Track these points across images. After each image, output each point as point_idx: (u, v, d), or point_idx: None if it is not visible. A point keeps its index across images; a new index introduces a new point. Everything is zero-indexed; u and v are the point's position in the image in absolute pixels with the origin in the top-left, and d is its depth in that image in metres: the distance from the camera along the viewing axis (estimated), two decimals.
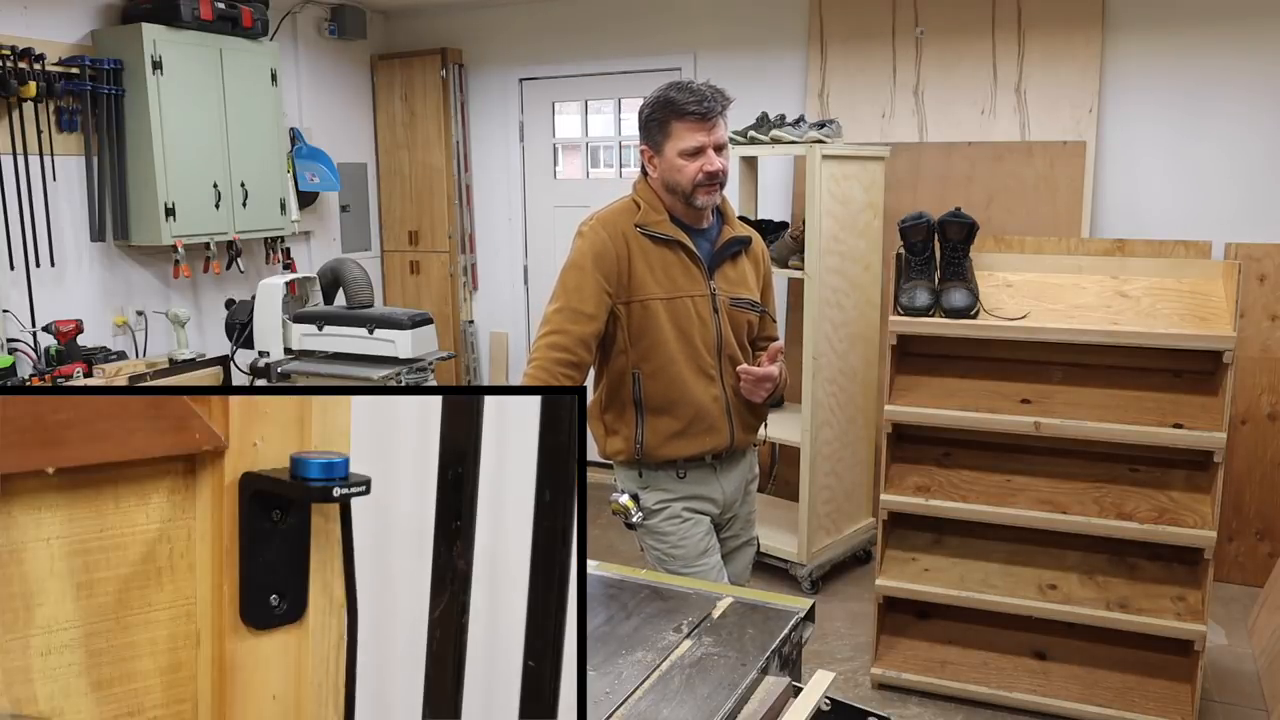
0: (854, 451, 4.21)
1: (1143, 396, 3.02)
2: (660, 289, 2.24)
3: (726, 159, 2.25)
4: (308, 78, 5.31)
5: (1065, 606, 3.05)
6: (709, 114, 2.18)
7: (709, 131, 2.19)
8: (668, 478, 2.34)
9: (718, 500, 2.41)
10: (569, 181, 5.64)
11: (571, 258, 2.27)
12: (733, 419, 2.34)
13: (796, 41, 4.77)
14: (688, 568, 2.33)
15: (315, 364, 4.24)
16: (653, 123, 2.25)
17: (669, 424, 2.29)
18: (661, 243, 2.26)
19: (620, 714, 1.43)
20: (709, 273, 2.29)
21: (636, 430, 2.29)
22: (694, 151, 2.19)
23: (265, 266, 4.95)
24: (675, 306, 2.25)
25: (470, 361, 5.86)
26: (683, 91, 2.19)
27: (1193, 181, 4.11)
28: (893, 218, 3.58)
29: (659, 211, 2.27)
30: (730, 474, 2.42)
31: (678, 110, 2.19)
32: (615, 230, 2.25)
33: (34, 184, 3.97)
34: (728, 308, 2.31)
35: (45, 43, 3.98)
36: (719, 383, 2.31)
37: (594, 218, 2.31)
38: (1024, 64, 4.31)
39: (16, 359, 3.84)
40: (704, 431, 2.31)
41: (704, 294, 2.28)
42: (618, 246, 2.23)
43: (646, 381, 2.27)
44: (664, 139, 2.23)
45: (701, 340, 2.27)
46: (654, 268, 2.25)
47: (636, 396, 2.28)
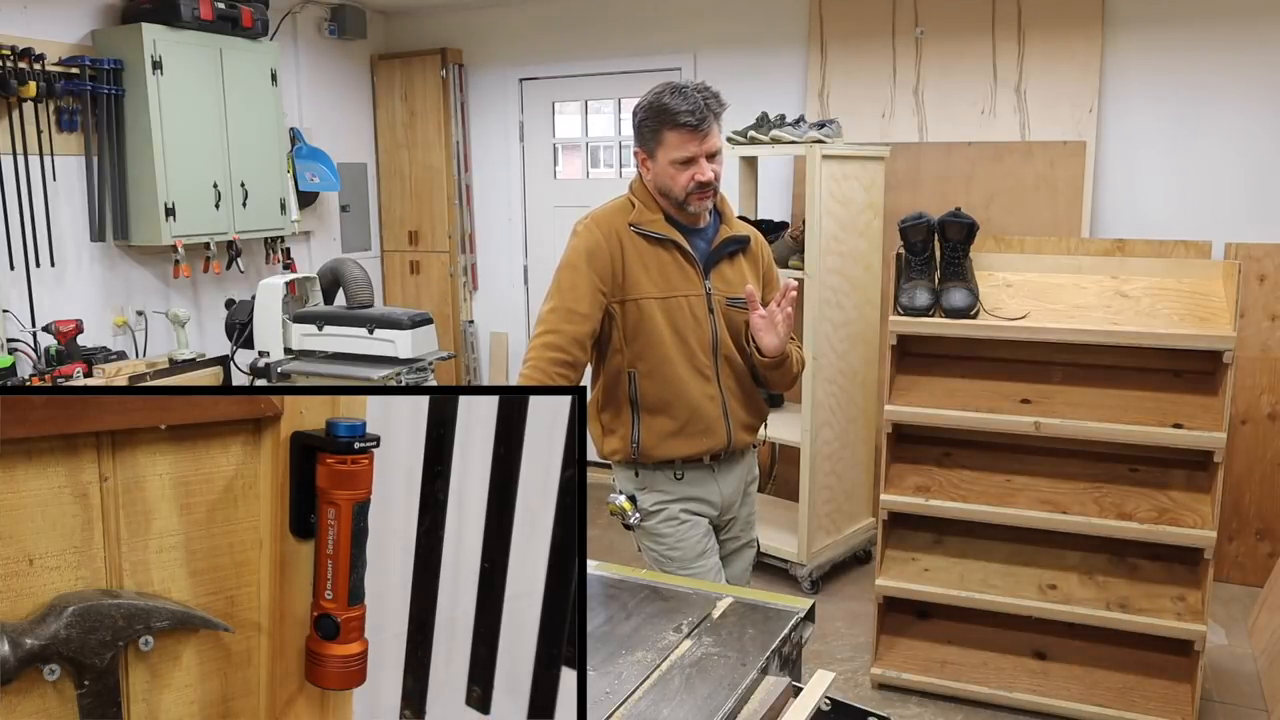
0: (854, 451, 4.21)
1: (1143, 396, 3.02)
2: (655, 288, 2.23)
3: (720, 164, 2.23)
4: (308, 78, 5.31)
5: (1065, 606, 3.05)
6: (701, 123, 2.15)
7: (701, 141, 2.17)
8: (665, 479, 2.34)
9: (716, 502, 2.39)
10: (569, 181, 5.64)
11: (566, 257, 2.27)
12: (730, 419, 2.32)
13: (796, 41, 4.77)
14: (685, 569, 2.32)
15: (315, 364, 4.24)
16: (645, 128, 2.23)
17: (665, 423, 2.28)
18: (656, 242, 2.25)
19: (620, 714, 1.43)
20: (705, 272, 2.28)
21: (633, 430, 2.29)
22: (686, 161, 2.18)
23: (265, 266, 4.95)
24: (670, 306, 2.24)
25: (470, 361, 5.86)
26: (676, 96, 2.15)
27: (1193, 181, 4.11)
28: (893, 218, 3.58)
29: (653, 211, 2.26)
30: (729, 475, 2.40)
31: (670, 119, 2.16)
32: (609, 229, 2.24)
33: (34, 184, 3.97)
34: (724, 307, 2.29)
35: (45, 43, 3.98)
36: (715, 383, 2.29)
37: (589, 217, 2.31)
38: (1024, 64, 4.31)
39: (16, 359, 3.84)
40: (700, 432, 2.29)
41: (699, 294, 2.26)
42: (611, 246, 2.22)
43: (642, 380, 2.26)
44: (656, 146, 2.21)
45: (697, 340, 2.26)
46: (649, 267, 2.24)
47: (632, 395, 2.27)
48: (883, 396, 3.22)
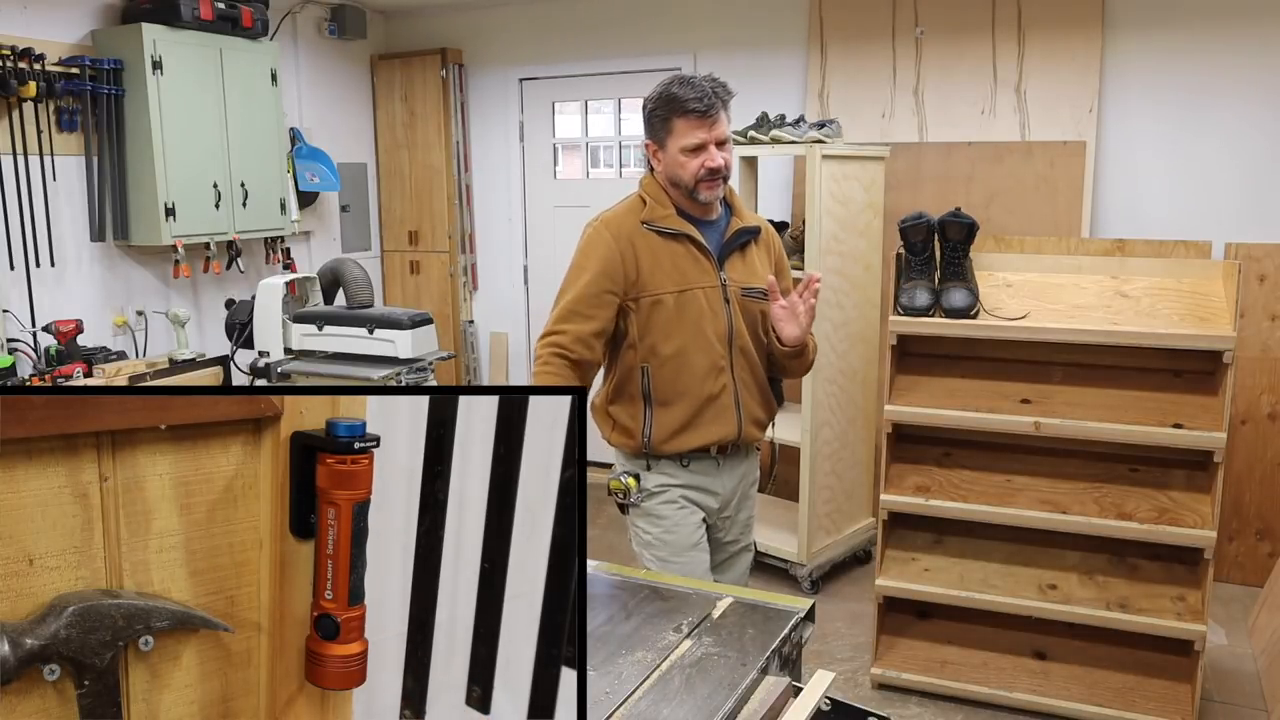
0: (854, 451, 4.21)
1: (1143, 396, 3.02)
2: (670, 283, 2.26)
3: (729, 152, 2.27)
4: (308, 78, 5.31)
5: (1065, 606, 3.05)
6: (709, 110, 2.20)
7: (710, 128, 2.21)
8: (671, 464, 2.36)
9: (718, 494, 2.41)
10: (569, 181, 5.64)
11: (575, 258, 2.31)
12: (741, 410, 2.34)
13: (796, 41, 4.77)
14: (678, 557, 2.33)
15: (315, 364, 4.24)
16: (655, 118, 2.27)
17: (677, 415, 2.30)
18: (669, 237, 2.28)
19: (620, 714, 1.43)
20: (719, 264, 2.31)
21: (645, 424, 2.32)
22: (695, 148, 2.21)
23: (265, 266, 4.95)
24: (685, 299, 2.27)
25: (470, 361, 5.85)
26: (684, 86, 2.21)
27: (1193, 181, 4.11)
28: (893, 218, 3.58)
29: (665, 206, 2.30)
30: (733, 471, 2.42)
31: (679, 107, 2.21)
32: (620, 230, 2.28)
33: (34, 184, 3.97)
34: (739, 298, 2.32)
35: (45, 43, 3.98)
36: (729, 373, 2.32)
37: (599, 218, 2.34)
38: (1024, 64, 4.31)
39: (16, 359, 3.84)
40: (711, 420, 2.31)
41: (714, 285, 2.29)
42: (622, 247, 2.26)
43: (655, 374, 2.29)
44: (666, 135, 2.25)
45: (713, 331, 2.29)
46: (662, 263, 2.26)
47: (645, 390, 2.30)
48: (883, 396, 3.22)
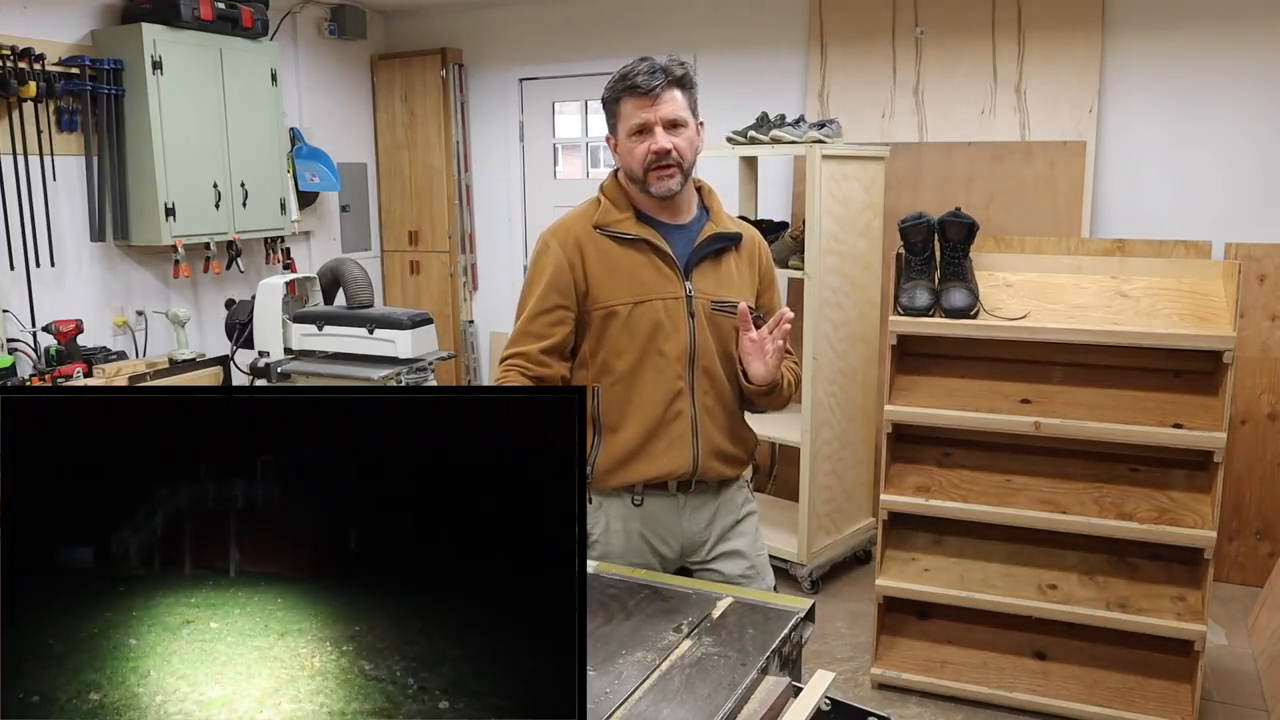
0: (854, 451, 4.21)
1: (1142, 396, 3.02)
2: (625, 293, 2.00)
3: (684, 139, 1.98)
4: (308, 78, 5.31)
5: (1065, 606, 3.05)
6: (651, 87, 1.93)
7: (654, 107, 1.94)
8: (620, 503, 2.08)
9: (673, 540, 2.10)
10: (569, 181, 5.64)
11: (528, 273, 2.10)
12: (699, 441, 2.03)
13: (796, 41, 4.77)
14: None
15: (315, 364, 4.24)
16: (608, 105, 2.03)
17: (624, 441, 2.02)
18: (626, 243, 2.01)
19: (620, 714, 1.43)
20: (685, 273, 2.03)
21: (591, 452, 2.05)
22: (639, 129, 1.96)
23: (265, 266, 4.95)
24: (642, 311, 2.00)
25: (470, 361, 5.86)
26: (633, 64, 1.97)
27: (1193, 181, 4.11)
28: (893, 218, 3.58)
29: (622, 209, 2.04)
30: (698, 514, 2.10)
31: (625, 85, 1.97)
32: (567, 238, 2.04)
33: (34, 184, 3.98)
34: (708, 311, 2.03)
35: (45, 43, 3.98)
36: (688, 396, 2.02)
37: (549, 227, 2.11)
38: (1024, 64, 4.31)
39: (16, 359, 3.84)
40: (664, 451, 2.02)
41: (677, 296, 2.01)
42: (570, 255, 2.01)
43: (605, 395, 2.03)
44: (616, 121, 2.02)
45: (672, 348, 2.01)
46: (616, 271, 2.01)
47: (595, 413, 2.04)
48: (883, 396, 3.22)
